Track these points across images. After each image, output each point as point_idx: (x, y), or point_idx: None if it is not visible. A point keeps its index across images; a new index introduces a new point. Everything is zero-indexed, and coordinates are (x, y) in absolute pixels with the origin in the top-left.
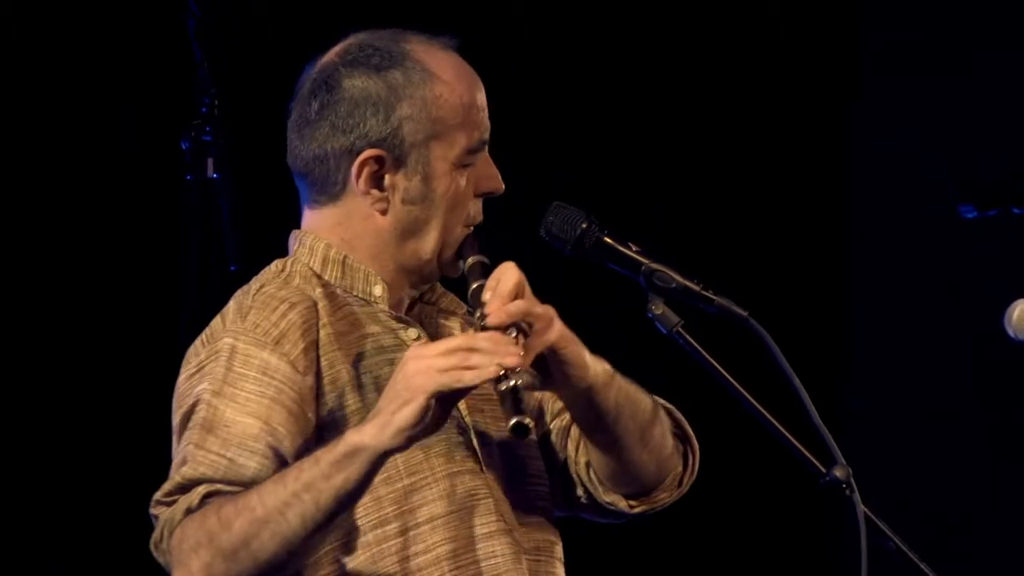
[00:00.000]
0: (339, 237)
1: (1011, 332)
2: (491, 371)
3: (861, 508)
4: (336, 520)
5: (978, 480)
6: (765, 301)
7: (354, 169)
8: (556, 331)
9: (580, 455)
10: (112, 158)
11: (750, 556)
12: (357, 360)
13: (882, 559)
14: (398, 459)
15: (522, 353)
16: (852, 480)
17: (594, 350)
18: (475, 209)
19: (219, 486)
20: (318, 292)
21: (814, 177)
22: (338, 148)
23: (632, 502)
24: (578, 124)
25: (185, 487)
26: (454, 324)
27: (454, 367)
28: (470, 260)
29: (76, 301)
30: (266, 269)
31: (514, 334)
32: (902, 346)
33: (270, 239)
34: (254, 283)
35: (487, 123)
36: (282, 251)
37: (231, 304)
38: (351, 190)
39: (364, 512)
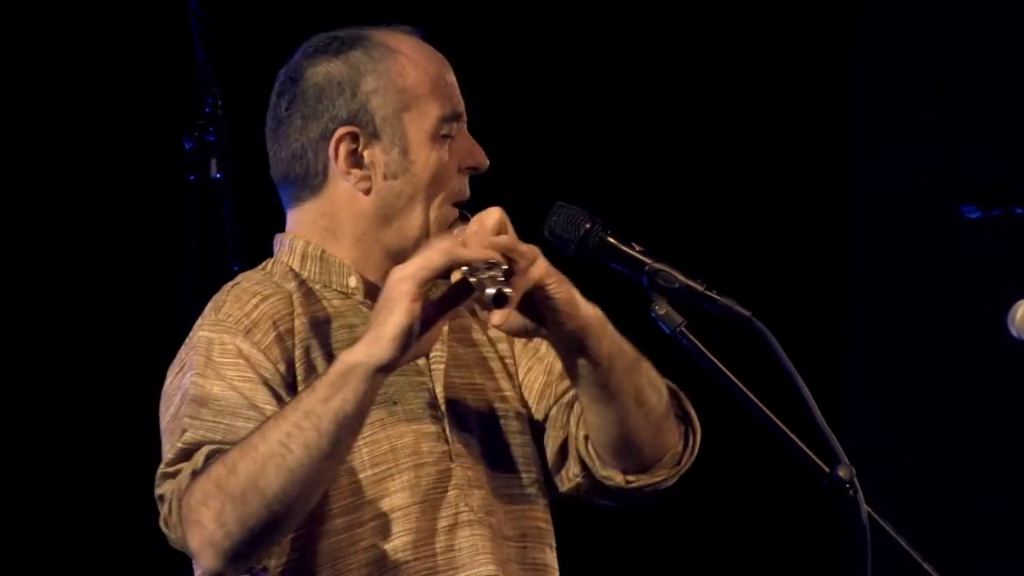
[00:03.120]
0: (322, 229)
1: (1014, 332)
2: (463, 254)
3: (865, 508)
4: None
5: (979, 481)
6: (766, 301)
7: (331, 150)
8: (541, 267)
9: (580, 429)
10: (115, 158)
11: (754, 556)
12: (334, 349)
13: (885, 559)
14: (363, 450)
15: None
16: (856, 480)
17: None
18: (460, 184)
19: (220, 446)
20: (293, 285)
21: (814, 177)
22: (313, 137)
23: (630, 477)
24: (581, 124)
25: (187, 452)
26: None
27: (429, 263)
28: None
29: (78, 301)
30: (250, 271)
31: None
32: (903, 347)
33: (272, 239)
34: (231, 282)
35: (459, 97)
36: None
37: (207, 307)
38: (332, 176)
39: (330, 500)
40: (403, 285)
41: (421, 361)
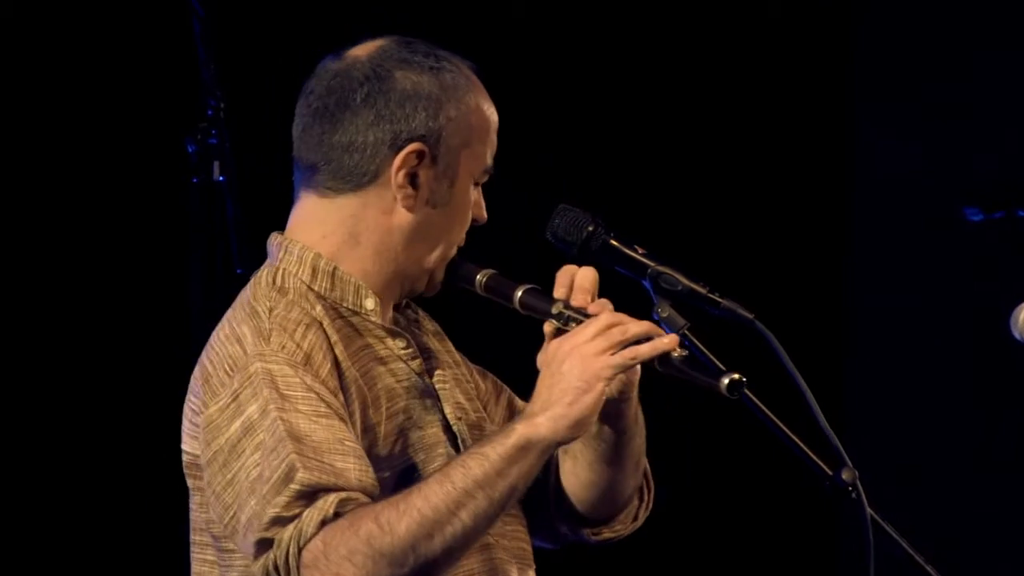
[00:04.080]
0: (346, 231)
1: (1017, 335)
2: (667, 341)
3: (868, 511)
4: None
5: (980, 483)
6: (768, 304)
7: (398, 160)
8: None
9: (550, 476)
10: (118, 161)
11: (758, 559)
12: (364, 374)
13: (888, 562)
14: (393, 480)
15: None
16: (859, 483)
17: None
18: (465, 229)
19: (348, 494)
20: (319, 310)
21: (816, 179)
22: (381, 138)
23: (594, 529)
24: (583, 126)
25: (307, 494)
26: (426, 335)
27: (616, 345)
28: (482, 275)
29: (82, 303)
30: (256, 281)
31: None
32: (905, 350)
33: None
34: (259, 305)
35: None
36: None
37: (243, 329)
38: (381, 181)
39: None
40: (606, 370)
41: (428, 380)
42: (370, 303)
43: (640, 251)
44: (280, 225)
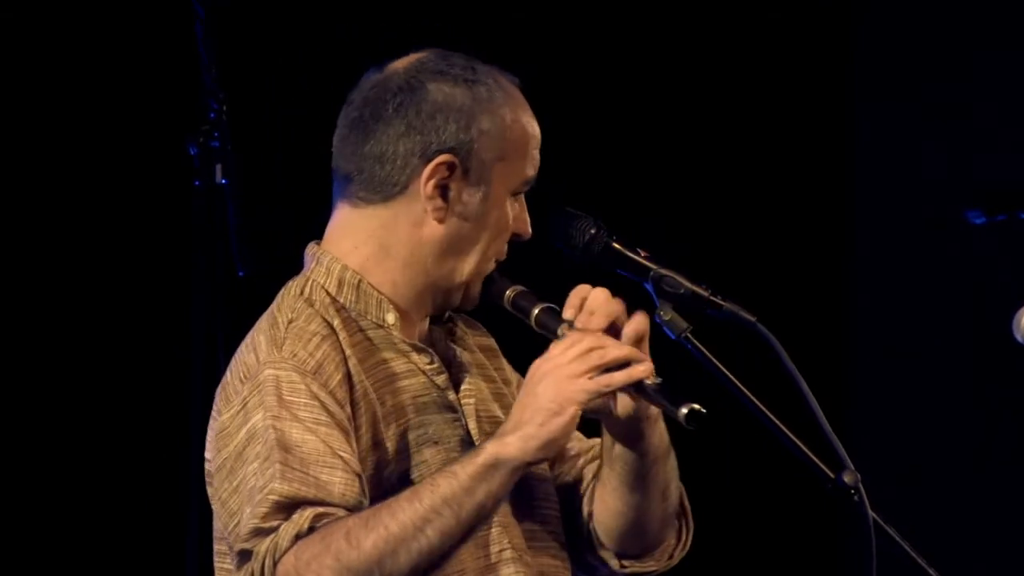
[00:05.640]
0: (376, 241)
1: (1019, 337)
2: (641, 369)
3: (870, 514)
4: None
5: (982, 485)
6: (770, 307)
7: (427, 171)
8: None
9: (586, 505)
10: (120, 164)
11: (760, 561)
12: (378, 389)
13: (890, 564)
14: (397, 488)
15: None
16: (860, 485)
17: None
18: (504, 244)
19: (326, 508)
20: (337, 323)
21: (818, 182)
22: (411, 149)
23: (625, 562)
24: (586, 129)
25: (283, 505)
26: (466, 350)
27: (595, 367)
28: (511, 291)
29: (84, 305)
30: (285, 292)
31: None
32: (907, 353)
33: (278, 245)
34: (280, 315)
35: (539, 163)
36: (289, 257)
37: (260, 338)
38: (410, 193)
39: None
40: (580, 394)
41: (452, 395)
42: (391, 317)
43: (642, 254)
44: (282, 228)
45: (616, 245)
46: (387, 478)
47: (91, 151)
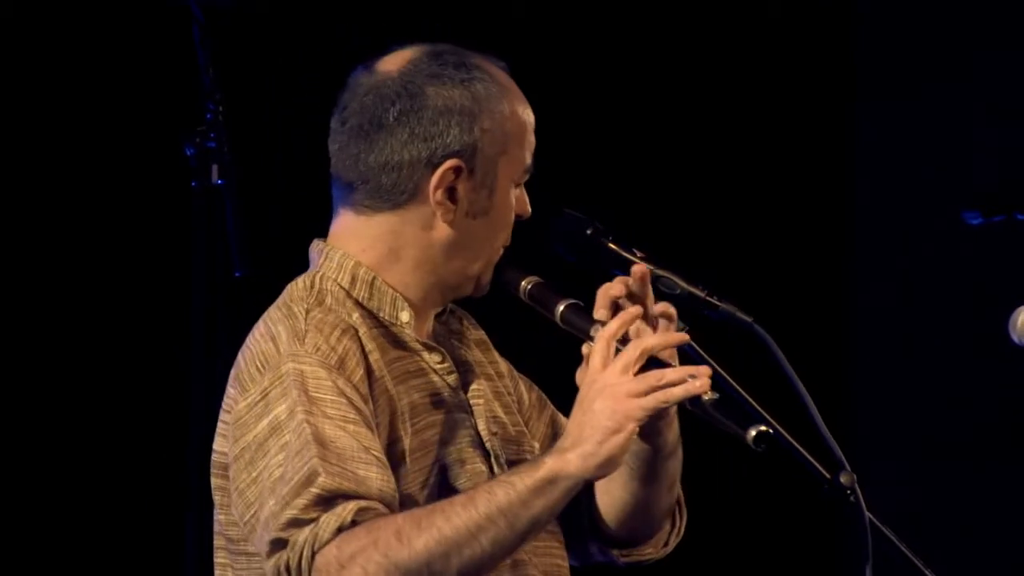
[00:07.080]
0: (385, 247)
1: (1015, 338)
2: (699, 384)
3: (866, 514)
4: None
5: (981, 486)
6: (767, 307)
7: (435, 178)
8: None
9: (585, 497)
10: (117, 165)
11: (757, 562)
12: (395, 386)
13: (887, 565)
14: (423, 493)
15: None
16: (857, 486)
17: None
18: (510, 231)
19: (368, 503)
20: (356, 317)
21: (817, 183)
22: (417, 156)
23: (624, 551)
24: (584, 130)
25: (326, 499)
26: (467, 346)
27: (653, 387)
28: (527, 282)
29: (82, 307)
30: (294, 285)
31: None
32: (905, 353)
33: (275, 245)
34: (295, 305)
35: (535, 145)
36: (287, 257)
37: (278, 328)
38: (418, 199)
39: None
40: (638, 412)
41: (463, 395)
42: (405, 316)
43: (639, 254)
44: (279, 228)
45: (612, 245)
46: (401, 476)
47: (89, 152)
